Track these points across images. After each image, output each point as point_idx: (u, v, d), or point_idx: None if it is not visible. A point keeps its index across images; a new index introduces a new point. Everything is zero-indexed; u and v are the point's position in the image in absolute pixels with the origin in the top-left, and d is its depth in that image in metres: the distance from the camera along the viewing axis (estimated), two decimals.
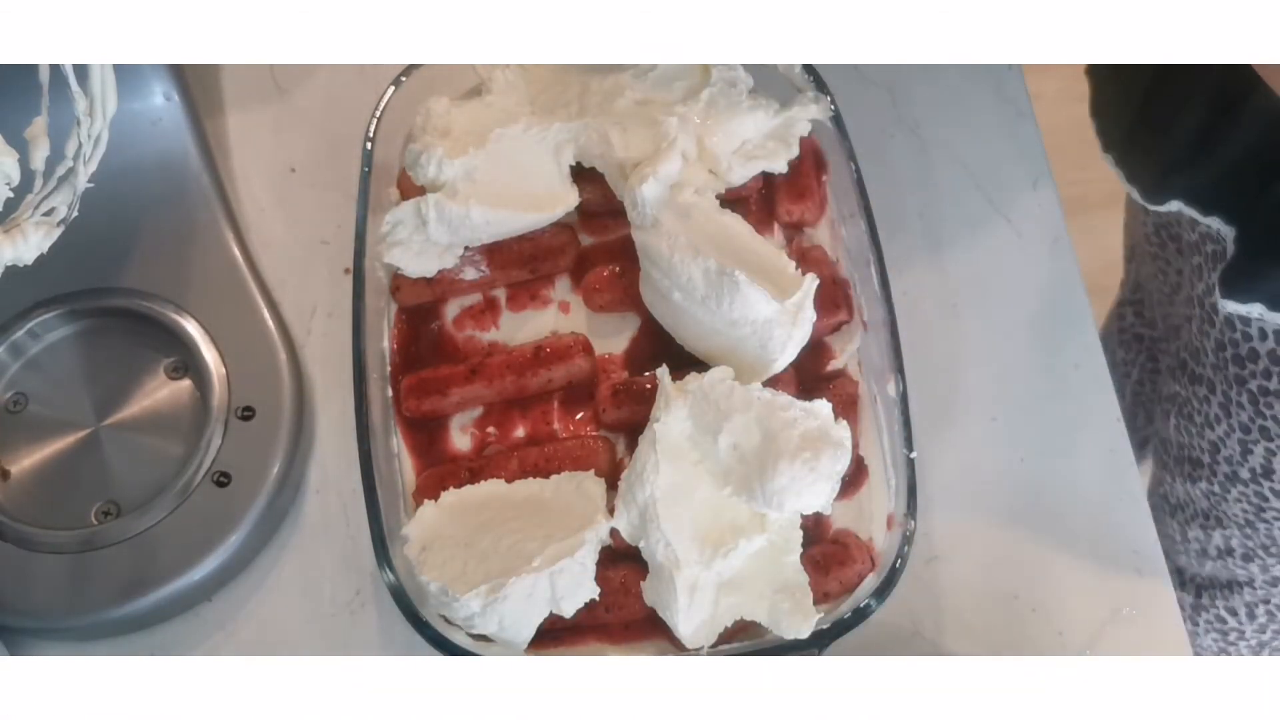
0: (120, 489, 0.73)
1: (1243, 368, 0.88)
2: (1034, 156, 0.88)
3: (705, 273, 0.68)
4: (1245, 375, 0.89)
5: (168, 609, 0.71)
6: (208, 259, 0.80)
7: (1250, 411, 0.90)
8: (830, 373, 0.76)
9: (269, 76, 0.91)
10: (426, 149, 0.74)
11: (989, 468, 0.77)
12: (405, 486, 0.72)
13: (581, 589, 0.65)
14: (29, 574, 0.70)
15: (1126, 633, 0.73)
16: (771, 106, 0.78)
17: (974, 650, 0.72)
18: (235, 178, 0.86)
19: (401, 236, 0.74)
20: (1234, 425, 0.93)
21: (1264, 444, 0.91)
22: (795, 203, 0.79)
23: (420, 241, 0.74)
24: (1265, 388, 0.87)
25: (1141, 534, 0.75)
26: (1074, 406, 0.79)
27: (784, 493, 0.64)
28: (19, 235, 0.56)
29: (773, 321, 0.68)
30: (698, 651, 0.66)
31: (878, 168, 0.80)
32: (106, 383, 0.77)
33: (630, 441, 0.71)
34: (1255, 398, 0.89)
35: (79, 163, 0.57)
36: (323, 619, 0.73)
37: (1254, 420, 0.90)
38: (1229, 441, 0.95)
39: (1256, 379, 0.88)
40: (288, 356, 0.77)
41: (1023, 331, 0.81)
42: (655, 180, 0.73)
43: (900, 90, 0.90)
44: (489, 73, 0.80)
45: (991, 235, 0.85)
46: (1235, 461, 0.96)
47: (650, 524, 0.65)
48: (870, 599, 0.65)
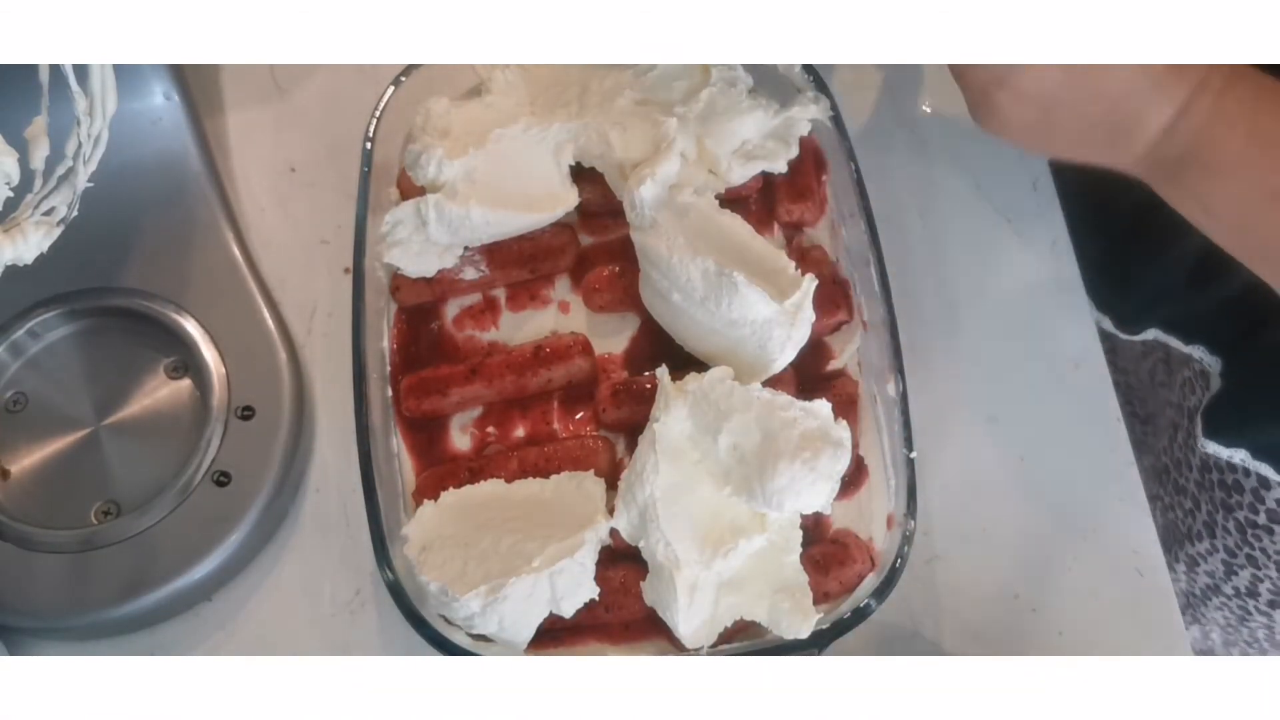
0: (120, 489, 0.73)
1: (1229, 495, 0.86)
2: (1034, 156, 0.88)
3: (704, 273, 0.68)
4: (1232, 504, 0.86)
5: (168, 609, 0.71)
6: (208, 259, 0.80)
7: (1237, 538, 0.88)
8: (830, 373, 0.76)
9: (269, 76, 0.91)
10: (426, 149, 0.74)
11: (989, 468, 0.77)
12: (405, 486, 0.72)
13: (581, 589, 0.65)
14: (29, 574, 0.70)
15: (1126, 633, 0.73)
16: (771, 106, 0.78)
17: (974, 650, 0.72)
18: (235, 178, 0.86)
19: (401, 236, 0.75)
20: (1218, 546, 0.91)
21: (1250, 570, 0.89)
22: (795, 203, 0.79)
23: (420, 241, 0.74)
24: (1253, 520, 0.85)
25: (1141, 534, 0.75)
26: (1074, 406, 0.79)
27: (784, 492, 0.64)
28: (19, 235, 0.56)
29: (772, 322, 0.68)
30: (698, 651, 0.66)
31: (878, 168, 0.80)
32: (106, 382, 0.77)
33: (630, 441, 0.71)
34: (1243, 527, 0.86)
35: (79, 162, 0.57)
36: (323, 619, 0.73)
37: (1240, 548, 0.88)
38: (1210, 559, 0.92)
39: (1243, 510, 0.85)
40: (288, 356, 0.77)
41: (1023, 331, 0.81)
42: (653, 181, 0.73)
43: (900, 90, 0.90)
44: (489, 73, 0.80)
45: (991, 235, 0.85)
46: (1218, 577, 0.93)
47: (650, 524, 0.65)
48: (870, 599, 0.65)
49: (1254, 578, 0.90)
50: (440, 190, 0.74)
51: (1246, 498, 0.84)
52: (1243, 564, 0.89)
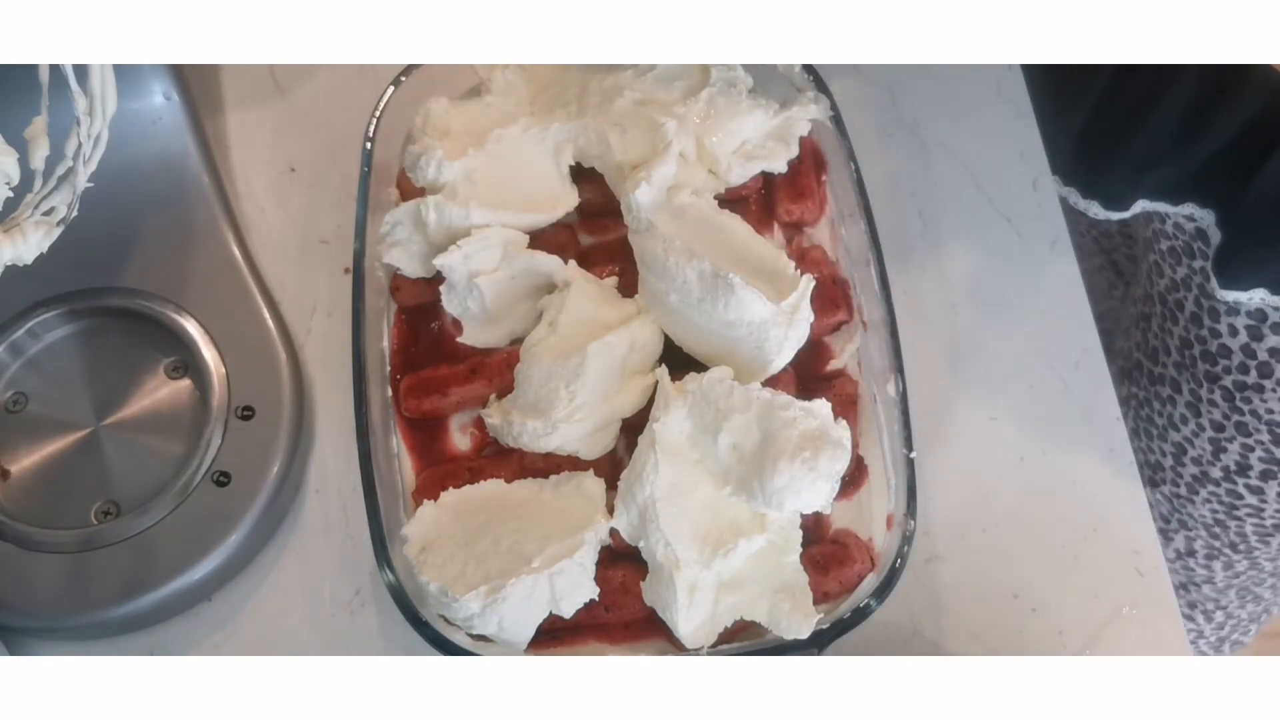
0: (120, 489, 0.73)
1: (1214, 364, 0.86)
2: (1034, 156, 0.88)
3: (700, 275, 0.68)
4: (1218, 372, 0.86)
5: (167, 609, 0.71)
6: (208, 259, 0.80)
7: (1224, 408, 0.88)
8: (830, 372, 0.76)
9: (269, 76, 0.91)
10: (426, 150, 0.74)
11: (989, 468, 0.77)
12: (405, 486, 0.72)
13: (581, 589, 0.65)
14: (29, 574, 0.70)
15: (1126, 633, 0.73)
16: (771, 106, 0.78)
17: (974, 650, 0.72)
18: (235, 178, 0.86)
19: (401, 237, 0.75)
20: (1204, 424, 0.90)
21: (1240, 440, 0.89)
22: (795, 202, 0.79)
23: (420, 241, 0.74)
24: (1242, 382, 0.85)
25: (1141, 534, 0.75)
26: (1074, 406, 0.79)
27: (783, 492, 0.64)
28: (19, 235, 0.56)
29: (769, 323, 0.68)
30: (698, 651, 0.66)
31: (878, 168, 0.80)
32: (106, 382, 0.77)
33: (630, 441, 0.71)
34: (1230, 394, 0.86)
35: (79, 162, 0.57)
36: (323, 619, 0.72)
37: (1228, 417, 0.88)
38: (1197, 441, 0.92)
39: (1231, 374, 0.85)
40: (287, 356, 0.77)
41: (1023, 331, 0.81)
42: (649, 185, 0.73)
43: (900, 90, 0.90)
44: (489, 73, 0.80)
45: (991, 235, 0.85)
46: (1205, 462, 0.93)
47: (650, 524, 0.65)
48: (870, 599, 0.65)
49: (1243, 449, 0.89)
50: (440, 191, 0.74)
51: (1235, 359, 0.84)
52: (1231, 436, 0.89)
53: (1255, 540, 0.99)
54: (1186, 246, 0.87)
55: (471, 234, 0.73)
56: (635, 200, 0.73)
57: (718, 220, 0.74)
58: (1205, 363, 0.87)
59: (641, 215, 0.73)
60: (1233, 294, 0.80)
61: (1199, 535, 1.02)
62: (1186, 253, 0.87)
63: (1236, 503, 0.95)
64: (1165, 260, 0.89)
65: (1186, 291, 0.88)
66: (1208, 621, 1.14)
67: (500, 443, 0.72)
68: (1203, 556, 1.04)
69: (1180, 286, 0.88)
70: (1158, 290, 0.91)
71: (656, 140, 0.75)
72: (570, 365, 0.68)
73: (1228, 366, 0.85)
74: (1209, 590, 1.09)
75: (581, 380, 0.68)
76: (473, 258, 0.72)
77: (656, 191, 0.73)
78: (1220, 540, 1.01)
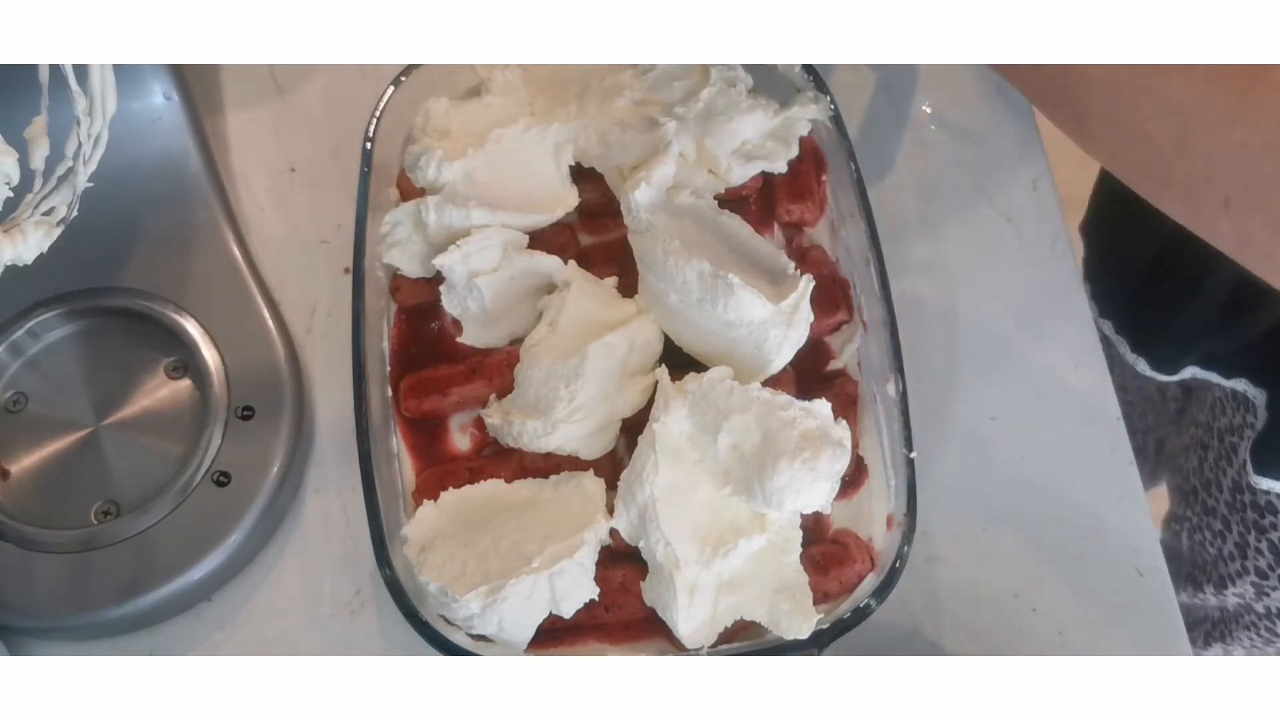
0: (120, 489, 0.73)
1: (1262, 516, 0.84)
2: (1034, 156, 0.88)
3: (699, 276, 0.68)
4: (1265, 525, 0.84)
5: (167, 609, 0.71)
6: (208, 259, 0.80)
7: (1270, 559, 0.86)
8: (830, 372, 0.76)
9: (269, 76, 0.91)
10: (426, 151, 0.74)
11: (989, 468, 0.77)
12: (405, 486, 0.72)
13: (581, 589, 0.65)
14: (29, 574, 0.70)
15: (1126, 633, 0.73)
16: (771, 106, 0.78)
17: (974, 650, 0.72)
18: (235, 178, 0.86)
19: (401, 237, 0.75)
20: (1249, 567, 0.89)
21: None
22: (795, 202, 0.79)
23: (420, 241, 0.74)
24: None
25: (1141, 534, 0.75)
26: (1074, 406, 0.79)
27: (783, 492, 0.64)
28: (18, 235, 0.56)
29: (768, 323, 0.68)
30: (698, 651, 0.66)
31: (878, 168, 0.80)
32: (106, 382, 0.77)
33: (630, 441, 0.71)
34: (1277, 549, 0.85)
35: (79, 162, 0.57)
36: (323, 619, 0.73)
37: (1273, 569, 0.86)
38: (1241, 581, 0.91)
39: (1278, 531, 0.84)
40: (288, 356, 0.77)
41: (1023, 331, 0.81)
42: (648, 185, 0.73)
43: (900, 90, 0.90)
44: (489, 73, 0.80)
45: (991, 235, 0.85)
46: (1249, 598, 0.92)
47: (650, 524, 0.65)
48: (870, 599, 0.65)
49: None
50: (440, 192, 0.74)
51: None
52: (1275, 585, 0.88)
53: None
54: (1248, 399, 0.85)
55: (471, 234, 0.73)
56: (635, 200, 0.73)
57: (717, 220, 0.74)
58: (1254, 513, 0.86)
59: (641, 215, 0.73)
60: (1267, 482, 0.79)
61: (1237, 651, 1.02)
62: (1245, 405, 0.85)
63: (1275, 638, 0.94)
64: (1229, 401, 0.87)
65: (1243, 439, 0.86)
66: None
67: (500, 443, 0.72)
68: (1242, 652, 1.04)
69: (1237, 431, 0.87)
70: (1217, 426, 0.90)
71: (656, 140, 0.75)
72: (570, 365, 0.68)
73: (1274, 524, 0.84)
74: None
75: (581, 380, 0.68)
76: (472, 257, 0.72)
77: (656, 192, 0.73)
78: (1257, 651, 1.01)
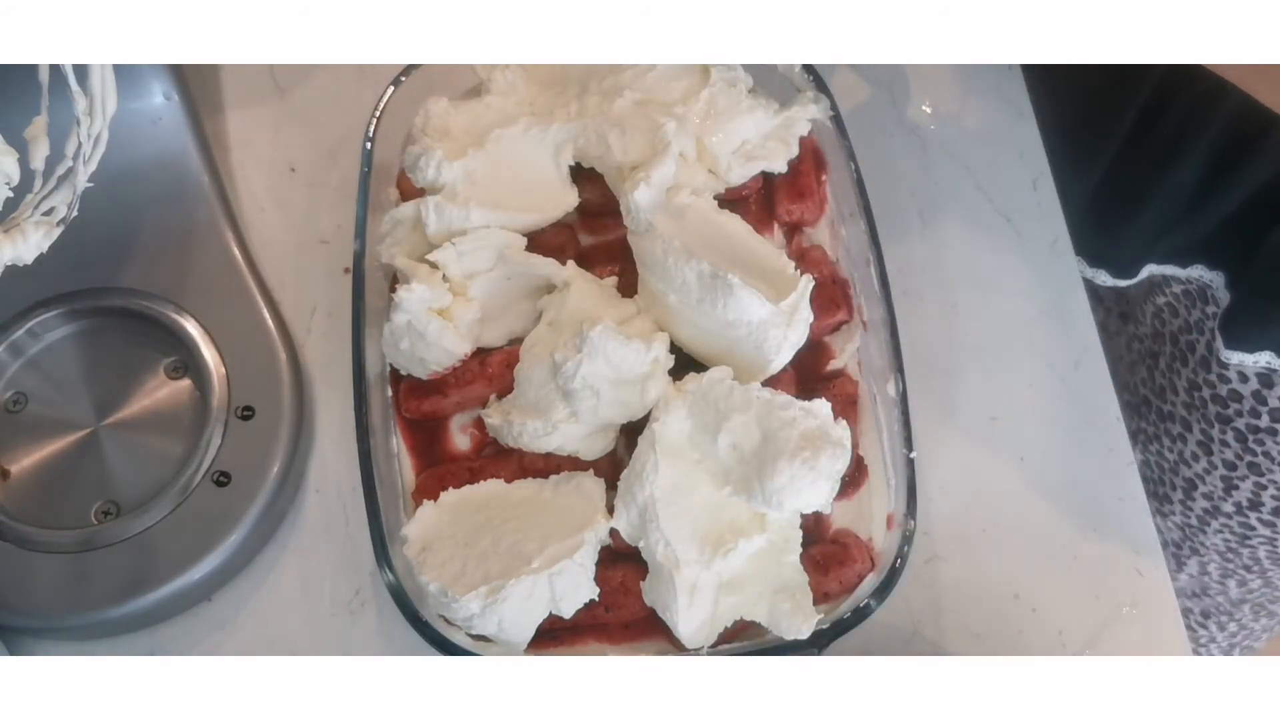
0: (120, 489, 0.73)
1: (1224, 407, 0.86)
2: (1034, 156, 0.88)
3: (699, 276, 0.68)
4: (1229, 414, 0.86)
5: (167, 609, 0.71)
6: (208, 259, 0.80)
7: (1236, 449, 0.88)
8: (830, 372, 0.75)
9: (269, 76, 0.91)
10: (426, 151, 0.74)
11: (989, 468, 0.77)
12: (405, 486, 0.72)
13: (581, 590, 0.65)
14: (29, 574, 0.70)
15: (1126, 633, 0.73)
16: (771, 106, 0.78)
17: (974, 650, 0.72)
18: (235, 177, 0.86)
19: (401, 237, 0.75)
20: (1216, 462, 0.90)
21: (1253, 478, 0.89)
22: (795, 202, 0.79)
23: (420, 241, 0.74)
24: (1255, 425, 0.85)
25: (1141, 534, 0.75)
26: (1074, 406, 0.79)
27: (783, 492, 0.64)
28: (19, 235, 0.56)
29: (768, 323, 0.68)
30: (698, 651, 0.66)
31: (878, 168, 0.80)
32: (106, 382, 0.77)
33: (630, 441, 0.71)
34: (1243, 435, 0.86)
35: (79, 162, 0.57)
36: (322, 619, 0.73)
37: (1240, 457, 0.88)
38: (1209, 478, 0.92)
39: (1243, 417, 0.85)
40: (287, 356, 0.77)
41: (1023, 331, 0.81)
42: (648, 186, 0.72)
43: (900, 90, 0.90)
44: (489, 73, 0.80)
45: (991, 235, 0.85)
46: (1216, 497, 0.93)
47: (650, 524, 0.65)
48: (870, 599, 0.65)
49: (1256, 486, 0.89)
50: (440, 191, 0.74)
51: (1246, 404, 0.84)
52: (1244, 475, 0.89)
53: (1269, 564, 0.99)
54: (1201, 292, 0.87)
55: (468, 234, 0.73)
56: (635, 200, 0.73)
57: (717, 220, 0.73)
58: (1216, 405, 0.87)
59: (641, 216, 0.73)
60: (1238, 355, 0.80)
61: (1212, 559, 1.02)
62: (1201, 298, 0.87)
63: (1249, 533, 0.95)
64: (1180, 302, 0.89)
65: (1199, 335, 0.88)
66: (1220, 630, 1.14)
67: (500, 443, 0.72)
68: (1217, 576, 1.05)
69: (1193, 329, 0.88)
70: (1169, 330, 0.91)
71: (656, 140, 0.75)
72: None
73: (1239, 410, 0.85)
74: (1223, 601, 1.09)
75: None
76: (466, 256, 0.72)
77: (656, 192, 0.73)
78: (1234, 563, 1.01)
